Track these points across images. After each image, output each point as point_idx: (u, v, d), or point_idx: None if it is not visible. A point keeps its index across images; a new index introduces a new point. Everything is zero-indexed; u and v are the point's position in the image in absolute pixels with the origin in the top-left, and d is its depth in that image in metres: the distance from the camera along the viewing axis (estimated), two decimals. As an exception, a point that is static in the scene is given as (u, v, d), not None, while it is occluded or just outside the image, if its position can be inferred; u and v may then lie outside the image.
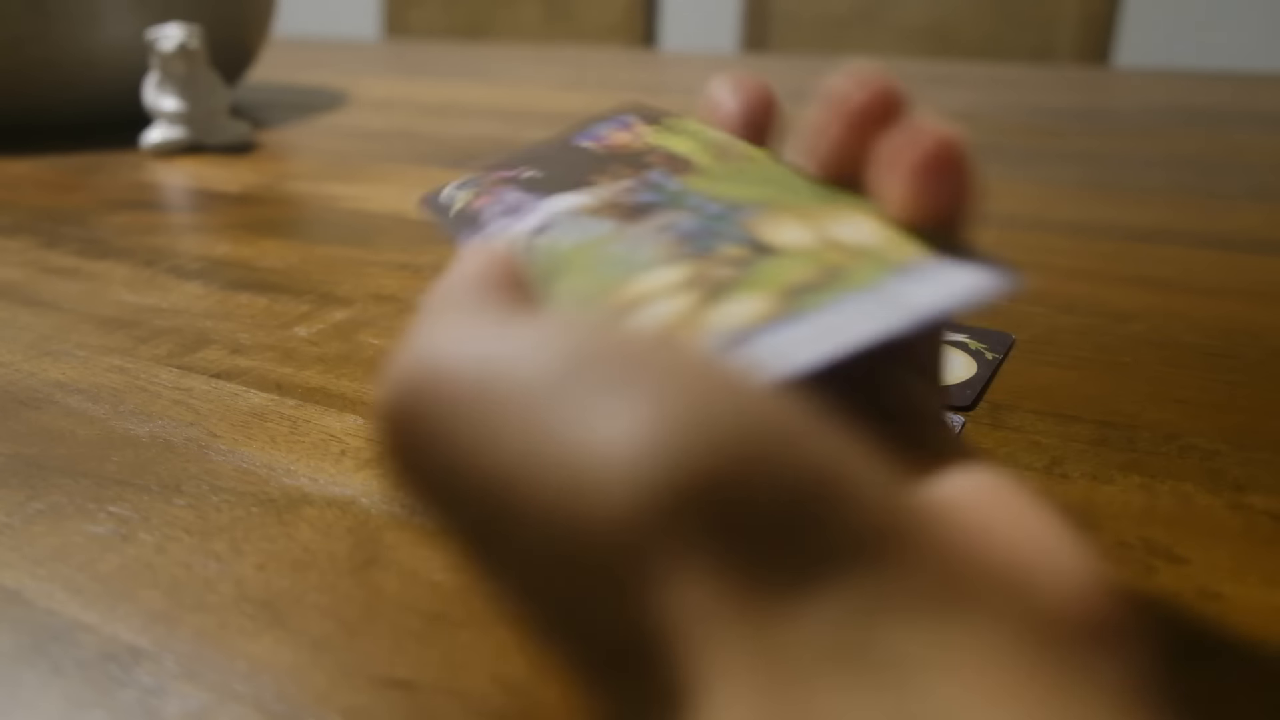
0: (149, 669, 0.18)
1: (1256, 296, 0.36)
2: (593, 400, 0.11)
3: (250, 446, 0.26)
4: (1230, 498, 0.23)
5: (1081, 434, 0.26)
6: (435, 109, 0.82)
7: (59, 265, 0.41)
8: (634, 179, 0.20)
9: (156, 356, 0.32)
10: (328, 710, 0.16)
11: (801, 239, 0.16)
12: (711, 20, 1.96)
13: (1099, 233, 0.44)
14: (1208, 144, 0.64)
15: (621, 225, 0.18)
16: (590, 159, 0.21)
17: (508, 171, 0.22)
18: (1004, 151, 0.62)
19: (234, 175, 0.58)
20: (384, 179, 0.57)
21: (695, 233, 0.17)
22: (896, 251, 0.15)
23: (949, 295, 0.14)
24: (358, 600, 0.19)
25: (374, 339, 0.33)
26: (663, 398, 0.11)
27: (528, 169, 0.22)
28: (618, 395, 0.11)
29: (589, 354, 0.12)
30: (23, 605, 0.19)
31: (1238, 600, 0.19)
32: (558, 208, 0.19)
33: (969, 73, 1.02)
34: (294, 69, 1.11)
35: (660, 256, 0.17)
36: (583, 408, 0.11)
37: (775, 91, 0.20)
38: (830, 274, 0.15)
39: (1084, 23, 1.20)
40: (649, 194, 0.19)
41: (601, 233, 0.18)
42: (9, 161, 0.62)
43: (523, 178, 0.21)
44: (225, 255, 0.43)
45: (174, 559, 0.21)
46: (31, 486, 0.24)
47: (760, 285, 0.15)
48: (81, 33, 0.64)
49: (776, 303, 0.15)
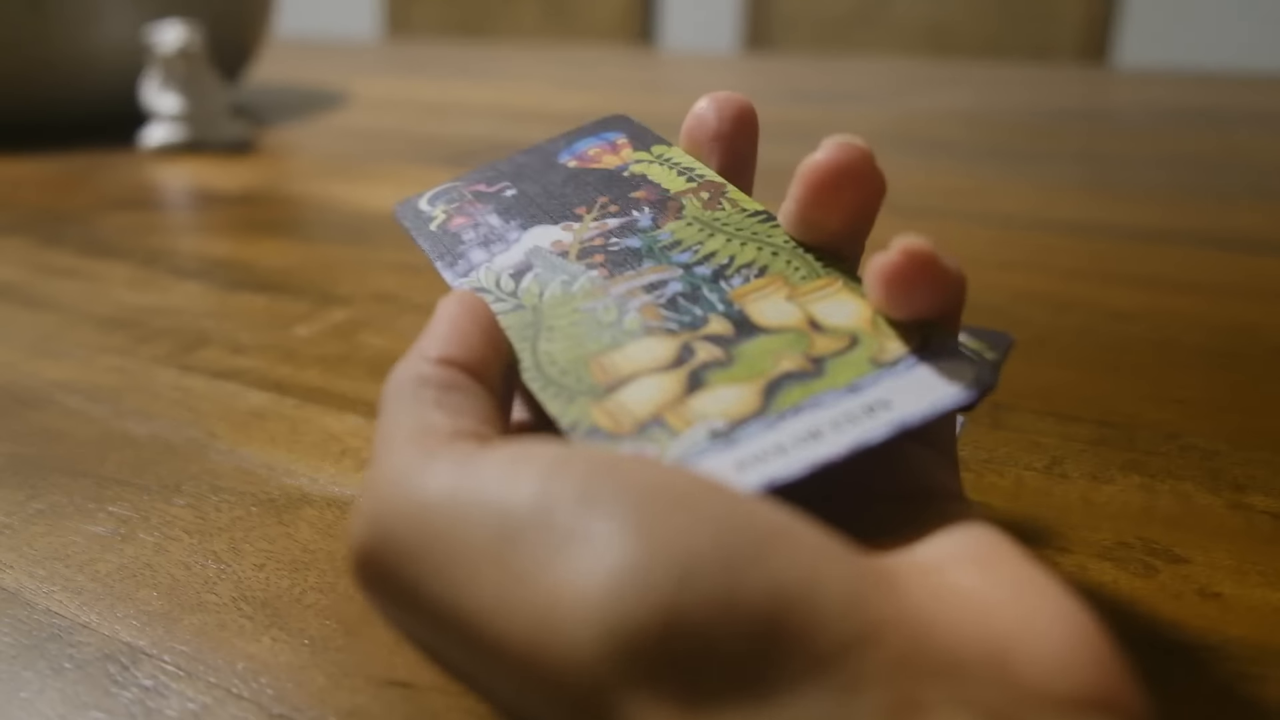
0: (148, 669, 0.18)
1: (1256, 296, 0.36)
2: (558, 540, 0.12)
3: (250, 446, 0.26)
4: (1230, 498, 0.23)
5: (1081, 434, 0.26)
6: (435, 109, 0.82)
7: (59, 265, 0.41)
8: (619, 217, 0.19)
9: (156, 356, 0.32)
10: (327, 710, 0.16)
11: (786, 317, 0.16)
12: (711, 20, 1.96)
13: (1099, 233, 0.44)
14: (1208, 144, 0.64)
15: (605, 278, 0.18)
16: (574, 183, 0.21)
17: (487, 186, 0.21)
18: (1004, 151, 0.62)
19: (234, 175, 0.58)
20: (384, 179, 0.57)
21: (682, 299, 0.17)
22: (879, 341, 0.16)
23: (930, 404, 0.14)
24: (358, 600, 0.19)
25: (374, 339, 0.33)
26: (624, 536, 0.12)
27: (508, 185, 0.21)
28: (582, 535, 0.12)
29: (554, 490, 0.12)
30: (22, 605, 0.19)
31: (1238, 600, 0.19)
32: (538, 243, 0.19)
33: (969, 73, 1.02)
34: (294, 69, 1.11)
35: (644, 326, 0.17)
36: (550, 548, 0.12)
37: (754, 110, 0.20)
38: (813, 366, 0.15)
39: (1084, 22, 1.20)
40: (634, 239, 0.19)
41: (584, 285, 0.18)
42: (9, 161, 0.62)
43: (503, 195, 0.21)
44: (225, 255, 0.43)
45: (173, 559, 0.21)
46: (31, 486, 0.24)
47: (743, 372, 0.16)
48: (81, 33, 0.64)
49: (757, 397, 0.15)
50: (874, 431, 0.14)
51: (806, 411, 0.15)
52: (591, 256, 0.18)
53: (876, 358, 0.15)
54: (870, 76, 0.99)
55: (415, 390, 0.15)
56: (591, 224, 0.19)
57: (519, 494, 0.12)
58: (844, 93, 0.88)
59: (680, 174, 0.20)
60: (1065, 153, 0.62)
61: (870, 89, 0.90)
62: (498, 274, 0.19)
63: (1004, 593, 0.12)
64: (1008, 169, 0.57)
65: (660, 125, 0.73)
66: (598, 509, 0.12)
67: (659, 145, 0.21)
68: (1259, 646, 0.18)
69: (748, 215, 0.19)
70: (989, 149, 0.63)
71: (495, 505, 0.12)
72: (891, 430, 0.14)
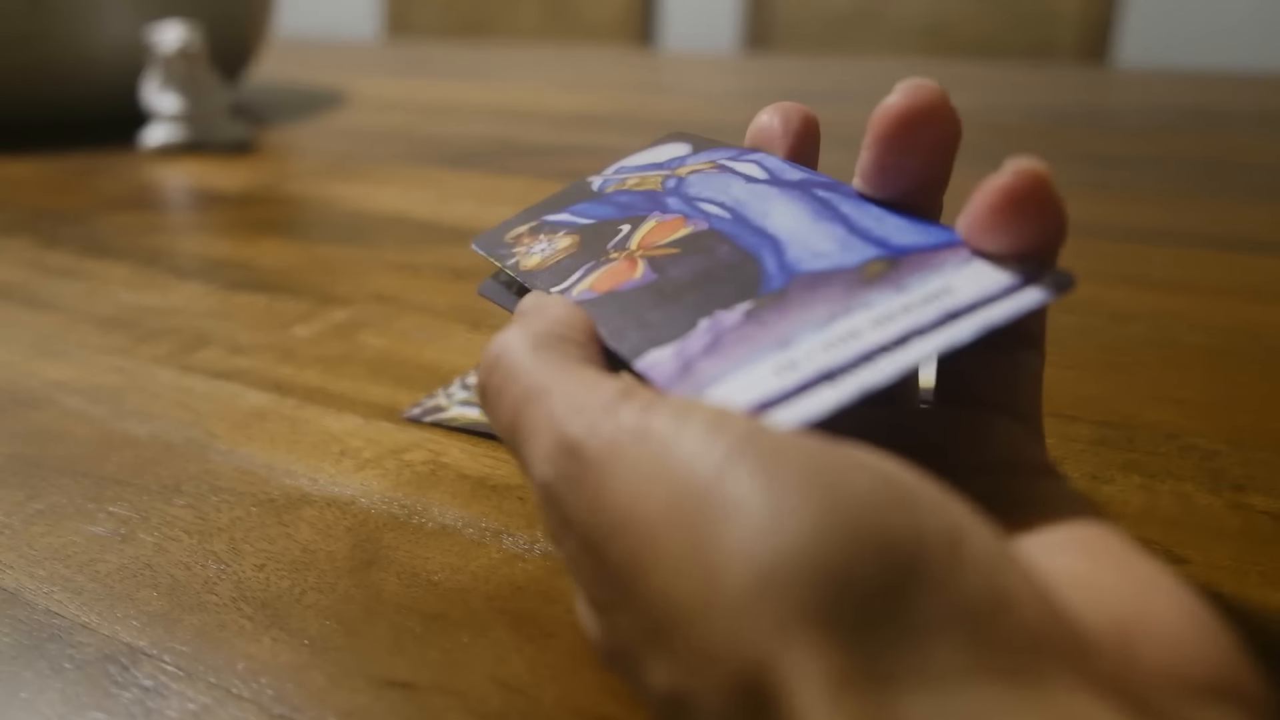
0: (148, 669, 0.18)
1: (1257, 296, 0.36)
2: (719, 501, 0.12)
3: (250, 446, 0.26)
4: (1230, 498, 0.23)
5: (1081, 434, 0.26)
6: (435, 109, 0.82)
7: (59, 265, 0.41)
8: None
9: (156, 356, 0.32)
10: (327, 710, 0.16)
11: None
12: (711, 19, 1.96)
13: (1099, 233, 0.44)
14: (1208, 144, 0.64)
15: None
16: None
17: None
18: (1004, 151, 0.62)
19: (234, 175, 0.58)
20: (384, 179, 0.57)
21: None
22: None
23: (1017, 304, 0.14)
24: (357, 600, 0.19)
25: (374, 339, 0.33)
26: (774, 493, 0.12)
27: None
28: (736, 495, 0.12)
29: (747, 452, 0.12)
30: (22, 605, 0.19)
31: (1238, 600, 0.19)
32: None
33: (969, 73, 1.02)
34: (294, 69, 1.11)
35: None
36: (735, 505, 0.12)
37: (816, 118, 0.20)
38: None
39: (1084, 22, 1.20)
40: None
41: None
42: (9, 161, 0.62)
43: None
44: (225, 255, 0.43)
45: (173, 559, 0.21)
46: (31, 486, 0.24)
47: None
48: (81, 32, 0.64)
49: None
50: (963, 331, 0.14)
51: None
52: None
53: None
54: (870, 76, 0.99)
55: (559, 345, 0.16)
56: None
57: (703, 461, 0.12)
58: (844, 93, 0.88)
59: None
60: (1065, 153, 0.62)
61: (870, 89, 0.90)
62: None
63: (1119, 579, 0.13)
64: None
65: (660, 125, 0.73)
66: (758, 469, 0.12)
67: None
68: (1259, 647, 0.18)
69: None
70: (989, 149, 0.63)
71: (670, 460, 0.13)
72: (979, 329, 0.14)
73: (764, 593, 0.11)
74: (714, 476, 0.12)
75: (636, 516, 0.13)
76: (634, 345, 0.16)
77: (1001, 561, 0.12)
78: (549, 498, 0.14)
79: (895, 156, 0.17)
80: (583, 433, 0.14)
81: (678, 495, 0.12)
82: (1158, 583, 0.12)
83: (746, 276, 0.17)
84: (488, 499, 0.23)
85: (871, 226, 0.17)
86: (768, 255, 0.17)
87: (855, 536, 0.11)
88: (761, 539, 0.11)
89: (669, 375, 0.15)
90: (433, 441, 0.26)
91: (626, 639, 0.13)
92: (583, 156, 0.62)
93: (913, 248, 0.16)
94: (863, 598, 0.11)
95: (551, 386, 0.15)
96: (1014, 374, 0.17)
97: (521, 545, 0.21)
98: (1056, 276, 0.15)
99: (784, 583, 0.11)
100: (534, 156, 0.62)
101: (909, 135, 0.16)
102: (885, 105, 0.16)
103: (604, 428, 0.14)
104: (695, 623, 0.12)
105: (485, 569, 0.20)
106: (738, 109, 0.79)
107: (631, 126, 0.72)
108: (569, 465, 0.14)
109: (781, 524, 0.11)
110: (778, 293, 0.16)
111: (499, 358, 0.16)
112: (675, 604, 0.12)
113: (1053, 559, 0.13)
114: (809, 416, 0.14)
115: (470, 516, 0.22)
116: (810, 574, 0.11)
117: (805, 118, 0.20)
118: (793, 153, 0.20)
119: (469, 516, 0.22)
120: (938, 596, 0.11)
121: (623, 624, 0.13)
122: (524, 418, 0.15)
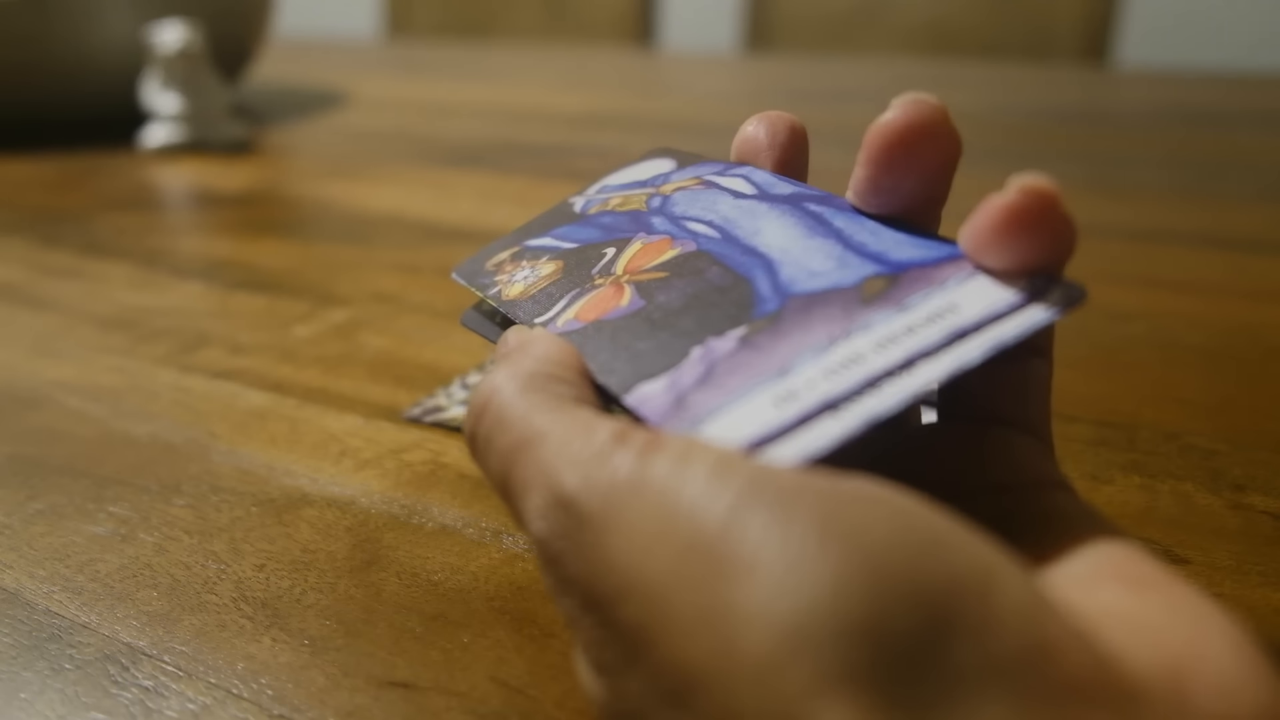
0: (148, 669, 0.18)
1: (1256, 296, 0.36)
2: (732, 555, 0.11)
3: (250, 446, 0.26)
4: (1230, 498, 0.23)
5: (1081, 434, 0.26)
6: (435, 109, 0.82)
7: (59, 265, 0.41)
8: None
9: (156, 356, 0.32)
10: (327, 710, 0.16)
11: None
12: (711, 20, 1.96)
13: (1099, 233, 0.44)
14: (1208, 144, 0.64)
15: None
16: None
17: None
18: (1004, 151, 0.62)
19: (234, 175, 0.58)
20: (384, 179, 0.57)
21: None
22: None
23: (1027, 320, 0.14)
24: (357, 600, 0.19)
25: (374, 339, 0.33)
26: (793, 541, 0.11)
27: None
28: (754, 547, 0.11)
29: (755, 499, 0.12)
30: (22, 605, 0.19)
31: (1238, 600, 0.19)
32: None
33: (968, 73, 1.02)
34: (294, 69, 1.11)
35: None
36: (749, 559, 0.11)
37: (804, 128, 0.20)
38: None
39: (1084, 22, 1.20)
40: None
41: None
42: (9, 161, 0.62)
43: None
44: (225, 255, 0.43)
45: (173, 559, 0.21)
46: (31, 486, 0.24)
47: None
48: (81, 32, 0.64)
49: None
50: (972, 351, 0.14)
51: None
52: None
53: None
54: (870, 76, 0.99)
55: (549, 386, 0.15)
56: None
57: (709, 513, 0.12)
58: (844, 92, 0.88)
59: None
60: (1065, 153, 0.62)
61: (870, 89, 0.90)
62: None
63: (1164, 614, 0.12)
64: (1007, 169, 0.57)
65: (661, 125, 0.73)
66: (770, 518, 0.11)
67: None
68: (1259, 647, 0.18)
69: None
70: (989, 149, 0.63)
71: (673, 512, 0.12)
72: (989, 349, 0.14)
73: (791, 654, 0.10)
74: (722, 528, 0.11)
75: (642, 576, 0.12)
76: (623, 379, 0.16)
77: (1039, 605, 0.11)
78: (546, 556, 0.14)
79: (892, 177, 0.16)
80: (577, 485, 0.13)
81: (685, 550, 0.11)
82: (1209, 620, 0.12)
83: (739, 299, 0.16)
84: (488, 499, 0.23)
85: (868, 241, 0.17)
86: (760, 276, 0.17)
87: (882, 586, 0.10)
88: (781, 596, 0.11)
89: (661, 411, 0.15)
90: (433, 441, 0.26)
91: (637, 704, 0.12)
92: (583, 156, 0.62)
93: (912, 263, 0.16)
94: (897, 654, 0.10)
95: (544, 433, 0.14)
96: (1023, 385, 0.16)
97: (521, 545, 0.21)
98: (1067, 290, 0.14)
99: (811, 642, 0.10)
100: (534, 156, 0.62)
101: (907, 155, 0.16)
102: (882, 122, 0.15)
103: (599, 478, 0.13)
104: (716, 687, 0.11)
105: (485, 569, 0.20)
106: (738, 109, 0.79)
107: (631, 126, 0.72)
108: (565, 521, 0.13)
109: (801, 577, 0.11)
110: (772, 315, 0.15)
111: (488, 403, 0.15)
112: (693, 668, 0.11)
113: (1090, 594, 0.12)
114: (813, 451, 0.13)
115: (470, 516, 0.22)
116: (838, 630, 0.10)
117: (792, 127, 0.19)
118: (780, 164, 0.19)
119: (469, 516, 0.22)
120: (974, 647, 0.10)
121: (632, 688, 0.12)
122: (515, 470, 0.14)
